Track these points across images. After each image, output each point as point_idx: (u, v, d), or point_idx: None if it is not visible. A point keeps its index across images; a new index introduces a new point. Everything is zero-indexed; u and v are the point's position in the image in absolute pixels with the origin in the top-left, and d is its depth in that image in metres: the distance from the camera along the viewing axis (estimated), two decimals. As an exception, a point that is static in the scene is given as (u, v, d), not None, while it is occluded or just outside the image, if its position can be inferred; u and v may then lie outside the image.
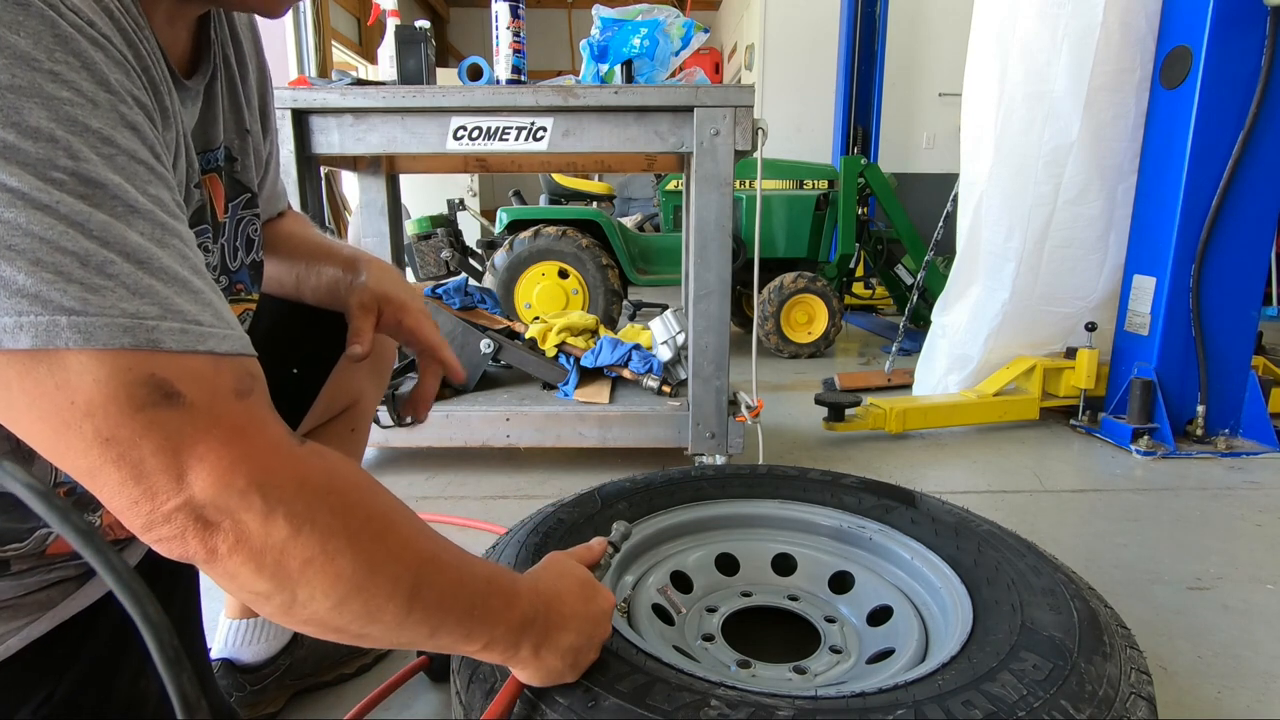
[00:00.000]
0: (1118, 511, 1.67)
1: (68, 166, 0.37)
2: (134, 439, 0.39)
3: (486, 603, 0.55)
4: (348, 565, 0.45)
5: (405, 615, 0.49)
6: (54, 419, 0.38)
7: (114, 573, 0.39)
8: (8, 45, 0.36)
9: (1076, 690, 0.66)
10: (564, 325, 2.00)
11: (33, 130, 0.36)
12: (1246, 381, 2.12)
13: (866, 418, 2.19)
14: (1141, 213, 2.16)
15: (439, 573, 0.51)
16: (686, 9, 6.00)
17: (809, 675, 0.87)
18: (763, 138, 1.59)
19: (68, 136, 0.38)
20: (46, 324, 0.36)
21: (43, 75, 0.37)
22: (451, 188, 5.80)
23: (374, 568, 0.47)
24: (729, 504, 1.14)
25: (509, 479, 1.85)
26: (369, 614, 0.47)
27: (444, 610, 0.51)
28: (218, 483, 0.41)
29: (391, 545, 0.48)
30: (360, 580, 0.46)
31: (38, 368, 0.37)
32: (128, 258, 0.39)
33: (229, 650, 0.93)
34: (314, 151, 1.61)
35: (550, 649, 0.61)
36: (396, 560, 0.48)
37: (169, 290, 0.40)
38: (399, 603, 0.48)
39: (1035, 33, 2.11)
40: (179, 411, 0.40)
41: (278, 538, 0.43)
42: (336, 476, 0.47)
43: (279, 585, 0.44)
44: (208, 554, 0.42)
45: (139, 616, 0.39)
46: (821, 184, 3.55)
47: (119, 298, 0.38)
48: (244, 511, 0.42)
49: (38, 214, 0.36)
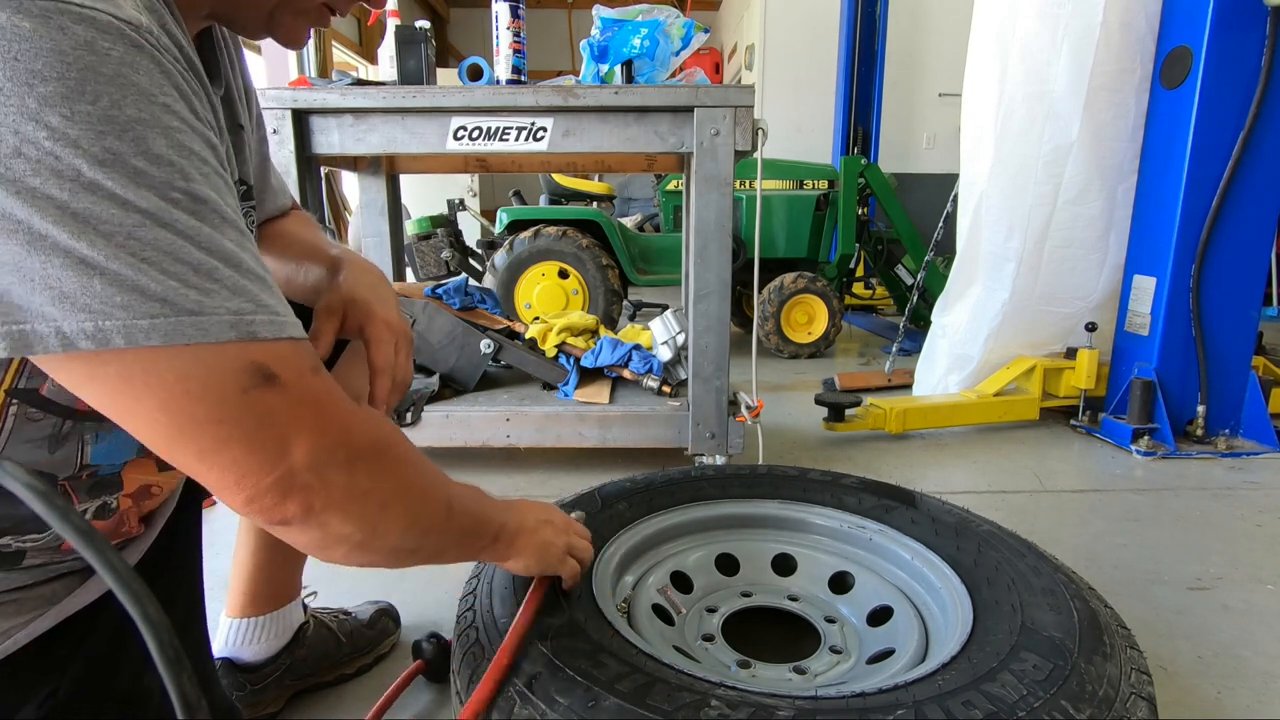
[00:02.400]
0: (1118, 511, 1.67)
1: (182, 187, 0.43)
2: (241, 417, 0.45)
3: (483, 511, 0.69)
4: (415, 499, 0.57)
5: (446, 526, 0.62)
6: (172, 407, 0.44)
7: (114, 572, 0.39)
8: (133, 84, 0.42)
9: (1077, 690, 0.66)
10: (564, 325, 2.00)
11: (156, 157, 0.42)
12: (1247, 382, 2.12)
13: (866, 418, 2.19)
14: (1141, 213, 2.16)
15: (457, 491, 0.64)
16: (686, 9, 6.00)
17: (809, 675, 0.87)
18: (763, 138, 1.59)
19: (181, 160, 0.44)
20: (174, 324, 0.42)
21: (159, 108, 0.43)
22: (451, 188, 5.79)
23: (427, 496, 0.59)
24: (729, 504, 1.14)
25: (509, 479, 1.85)
26: (425, 530, 0.59)
27: (468, 517, 0.65)
28: (314, 449, 0.48)
29: (431, 477, 0.60)
30: (419, 508, 0.58)
31: (159, 363, 0.43)
32: (226, 262, 0.45)
33: (229, 649, 0.93)
34: (314, 151, 1.61)
35: (523, 544, 0.76)
36: (435, 486, 0.61)
37: (256, 288, 0.46)
38: (441, 518, 0.61)
39: (1035, 33, 2.11)
40: (276, 391, 0.46)
41: (361, 487, 0.51)
42: (388, 429, 0.56)
43: (362, 525, 0.52)
44: (304, 513, 0.49)
45: (139, 616, 0.39)
46: (821, 184, 3.55)
47: (224, 298, 0.44)
48: (332, 470, 0.49)
49: (163, 231, 0.42)
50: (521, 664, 0.69)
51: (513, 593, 0.80)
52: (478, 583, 0.86)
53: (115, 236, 0.41)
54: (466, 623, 0.80)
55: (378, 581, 1.28)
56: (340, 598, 1.16)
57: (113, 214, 0.40)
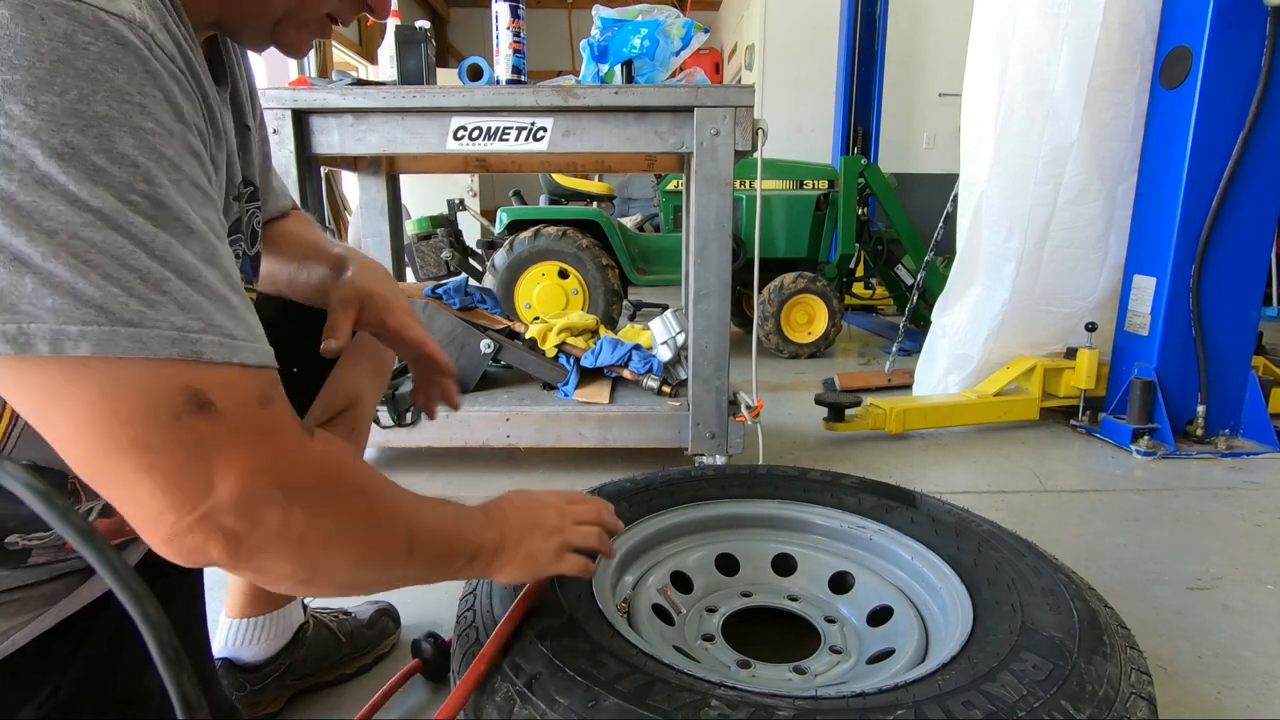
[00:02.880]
0: (1118, 511, 1.67)
1: (144, 190, 0.41)
2: (168, 446, 0.41)
3: (458, 532, 0.64)
4: (365, 534, 0.53)
5: (408, 558, 0.57)
6: (96, 426, 0.40)
7: (114, 572, 0.39)
8: (107, 80, 0.40)
9: (1076, 690, 0.66)
10: (564, 325, 2.00)
11: (120, 156, 0.40)
12: (1246, 381, 2.12)
13: (866, 418, 2.19)
14: (1141, 213, 2.16)
15: (424, 518, 0.60)
16: (686, 9, 6.00)
17: (809, 675, 0.87)
18: (763, 138, 1.59)
19: (148, 163, 0.41)
20: (108, 334, 0.39)
21: (133, 107, 0.41)
22: (451, 188, 5.79)
23: (380, 530, 0.54)
24: (729, 504, 1.14)
25: (509, 479, 1.85)
26: (382, 564, 0.55)
27: (437, 544, 0.61)
28: (244, 486, 0.44)
29: (389, 508, 0.56)
30: (370, 543, 0.53)
31: (87, 375, 0.39)
32: (181, 275, 0.42)
33: (229, 650, 0.93)
34: (314, 151, 1.61)
35: (505, 560, 0.70)
36: (393, 518, 0.56)
37: (212, 306, 0.43)
38: (400, 550, 0.56)
39: (1035, 33, 2.11)
40: (210, 419, 0.43)
41: (297, 528, 0.47)
42: (339, 461, 0.52)
43: (302, 565, 0.49)
44: (230, 556, 0.45)
45: (139, 616, 0.39)
46: (821, 184, 3.55)
47: (170, 312, 0.41)
48: (265, 509, 0.45)
49: (113, 234, 0.40)
50: (518, 663, 0.69)
51: (513, 593, 0.81)
52: (478, 583, 0.86)
53: (58, 235, 0.38)
54: (466, 623, 0.80)
55: (378, 581, 1.28)
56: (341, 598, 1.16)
57: (60, 210, 0.38)
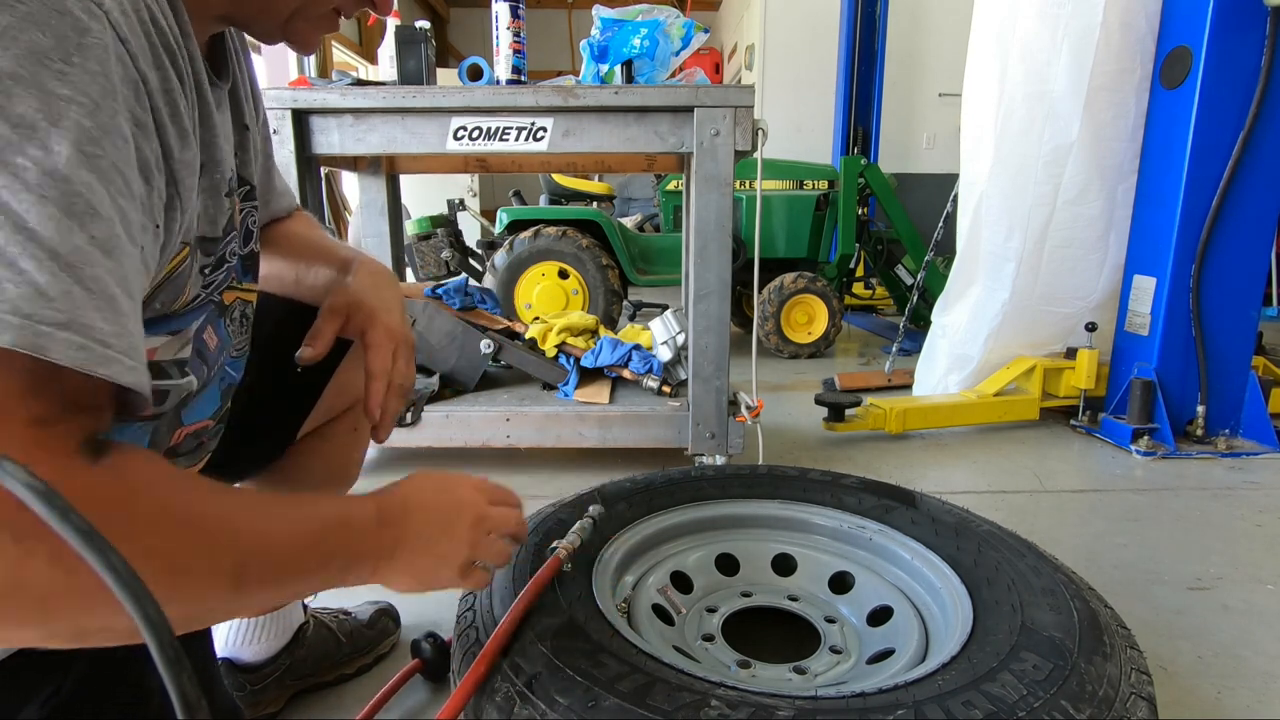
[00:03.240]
0: (1118, 511, 1.67)
1: (36, 157, 0.37)
2: None
3: (325, 546, 0.54)
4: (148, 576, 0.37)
5: (236, 593, 0.47)
6: None
7: (114, 572, 0.39)
8: (26, 40, 0.37)
9: (1076, 690, 0.66)
10: (564, 325, 2.00)
11: (15, 116, 0.36)
12: (1246, 381, 2.12)
13: (866, 418, 2.19)
14: (1141, 213, 2.16)
15: (268, 546, 0.50)
16: (686, 9, 6.00)
17: (809, 675, 0.87)
18: (763, 138, 1.59)
19: (49, 128, 0.37)
20: None
21: (49, 72, 0.37)
22: (451, 188, 5.79)
23: (178, 570, 0.43)
24: (729, 504, 1.14)
25: (509, 479, 1.84)
26: (194, 600, 0.45)
27: (283, 569, 0.51)
28: None
29: (201, 540, 0.45)
30: (169, 583, 0.41)
31: None
32: (54, 257, 0.37)
33: (229, 650, 0.93)
34: (314, 152, 1.61)
35: (390, 571, 0.61)
36: (212, 551, 0.45)
37: (88, 299, 0.38)
38: (224, 586, 0.46)
39: (1035, 33, 2.11)
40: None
41: (39, 577, 0.37)
42: (132, 495, 0.42)
43: (42, 622, 0.39)
44: None
45: (139, 616, 0.39)
46: (821, 184, 3.55)
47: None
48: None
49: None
50: (518, 663, 0.69)
51: (513, 593, 0.80)
52: (478, 583, 0.86)
53: None
54: (466, 623, 0.80)
55: (378, 581, 1.28)
56: (340, 598, 1.16)
57: None
